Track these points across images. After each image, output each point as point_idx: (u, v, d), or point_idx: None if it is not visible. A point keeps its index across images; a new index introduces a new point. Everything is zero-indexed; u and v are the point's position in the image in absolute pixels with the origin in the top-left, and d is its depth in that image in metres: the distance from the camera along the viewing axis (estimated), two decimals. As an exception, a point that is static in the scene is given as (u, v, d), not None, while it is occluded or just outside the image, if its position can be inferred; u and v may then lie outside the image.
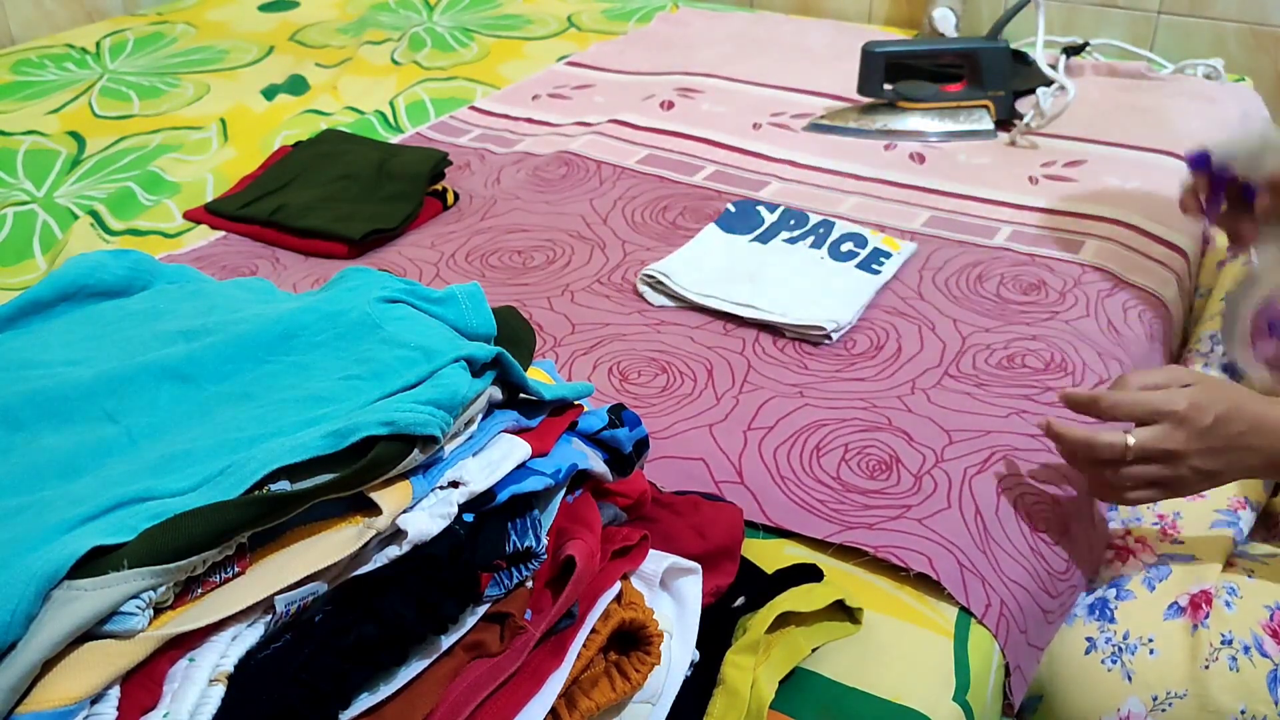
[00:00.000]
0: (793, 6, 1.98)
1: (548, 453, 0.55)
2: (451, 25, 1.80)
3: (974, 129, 1.36)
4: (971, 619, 0.69)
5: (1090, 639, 0.76)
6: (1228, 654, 0.73)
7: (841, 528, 0.73)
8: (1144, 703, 0.73)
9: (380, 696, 0.46)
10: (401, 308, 0.55)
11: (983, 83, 1.38)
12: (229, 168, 1.30)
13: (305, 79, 1.57)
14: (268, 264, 1.10)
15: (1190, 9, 1.70)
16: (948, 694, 0.64)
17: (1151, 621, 0.75)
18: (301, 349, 0.53)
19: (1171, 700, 0.73)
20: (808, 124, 1.39)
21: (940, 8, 1.74)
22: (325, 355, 0.52)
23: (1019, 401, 0.86)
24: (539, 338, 0.95)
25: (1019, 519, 0.75)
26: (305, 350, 0.53)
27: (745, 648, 0.59)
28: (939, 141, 1.35)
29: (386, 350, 0.52)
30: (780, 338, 0.95)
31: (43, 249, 1.14)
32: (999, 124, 1.38)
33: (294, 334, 0.53)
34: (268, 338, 0.53)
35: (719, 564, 0.64)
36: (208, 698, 0.40)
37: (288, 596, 0.44)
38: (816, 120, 1.39)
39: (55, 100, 1.48)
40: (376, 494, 0.46)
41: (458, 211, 1.21)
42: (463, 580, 0.48)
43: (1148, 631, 0.75)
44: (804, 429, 0.82)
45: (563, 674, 0.52)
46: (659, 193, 1.22)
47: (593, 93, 1.53)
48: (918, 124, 1.36)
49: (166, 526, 0.42)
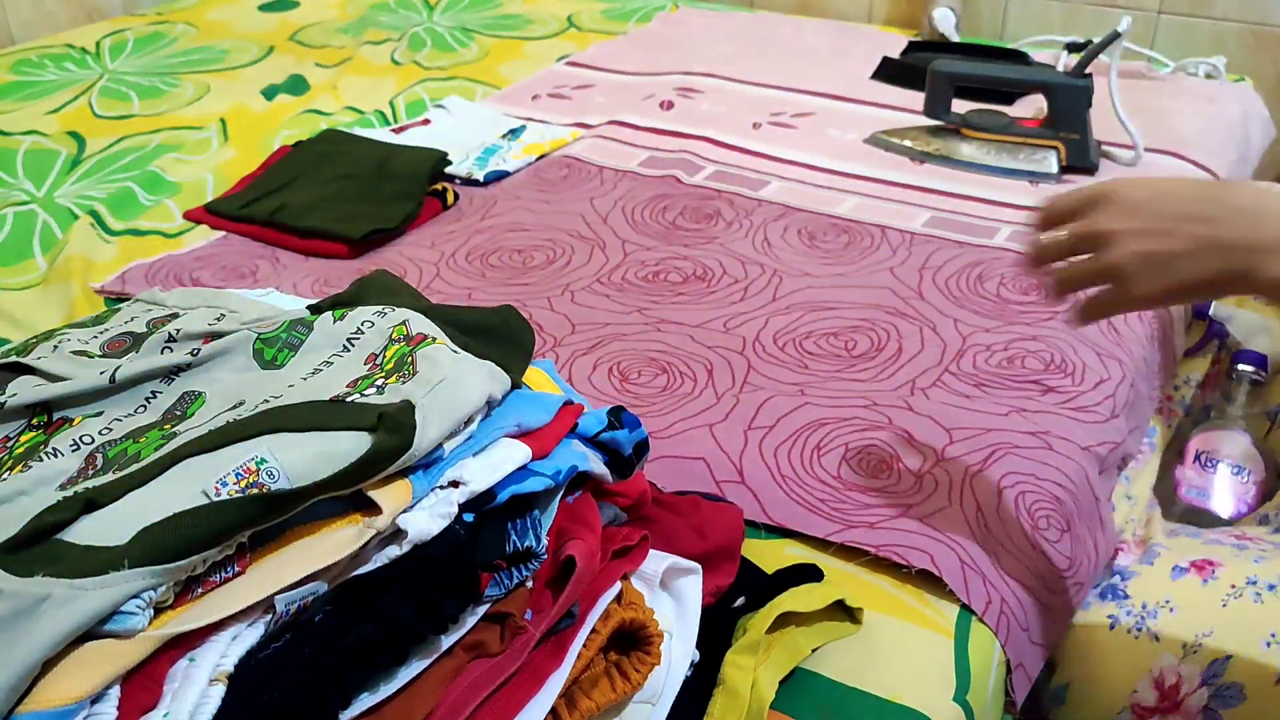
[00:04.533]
0: (793, 6, 1.98)
1: (548, 454, 0.55)
2: (451, 25, 1.80)
3: (1034, 170, 1.24)
4: (972, 618, 0.69)
5: (1112, 616, 0.77)
6: (1252, 591, 0.74)
7: (842, 526, 0.73)
8: (1175, 654, 0.74)
9: (380, 696, 0.46)
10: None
11: (1055, 121, 1.26)
12: (229, 168, 1.30)
13: (305, 79, 1.57)
14: (268, 264, 1.10)
15: (1190, 9, 1.70)
16: (948, 694, 0.64)
17: (1162, 586, 0.77)
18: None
19: (1200, 641, 0.73)
20: (869, 136, 1.34)
21: (940, 8, 1.74)
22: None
23: (1019, 401, 0.86)
24: (539, 338, 0.95)
25: (1020, 517, 0.75)
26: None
27: (745, 648, 0.59)
28: (993, 177, 1.25)
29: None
30: (781, 337, 0.94)
31: (43, 249, 1.14)
32: (1068, 169, 1.25)
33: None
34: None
35: (719, 564, 0.64)
36: (208, 698, 0.40)
37: (288, 596, 0.44)
38: (879, 135, 1.33)
39: (55, 100, 1.48)
40: (376, 493, 0.46)
41: (458, 211, 1.21)
42: (463, 580, 0.48)
43: (1162, 595, 0.76)
44: (804, 428, 0.82)
45: (563, 674, 0.52)
46: (659, 192, 1.22)
47: (593, 93, 1.52)
48: (974, 154, 1.27)
49: (166, 526, 0.42)
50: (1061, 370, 0.90)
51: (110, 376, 0.55)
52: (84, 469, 0.50)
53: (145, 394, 0.56)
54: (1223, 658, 0.72)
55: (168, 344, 0.60)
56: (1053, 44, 1.63)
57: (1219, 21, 1.69)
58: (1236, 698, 0.72)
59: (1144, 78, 1.54)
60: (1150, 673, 0.74)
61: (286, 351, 0.58)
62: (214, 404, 0.54)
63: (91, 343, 0.62)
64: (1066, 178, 1.25)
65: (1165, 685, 0.73)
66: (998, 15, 1.84)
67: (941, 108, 1.31)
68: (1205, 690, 0.72)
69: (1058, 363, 0.91)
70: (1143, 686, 0.74)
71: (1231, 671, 0.72)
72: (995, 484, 0.77)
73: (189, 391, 0.56)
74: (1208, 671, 0.72)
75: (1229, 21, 1.68)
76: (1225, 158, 1.32)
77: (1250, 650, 0.72)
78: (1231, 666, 0.72)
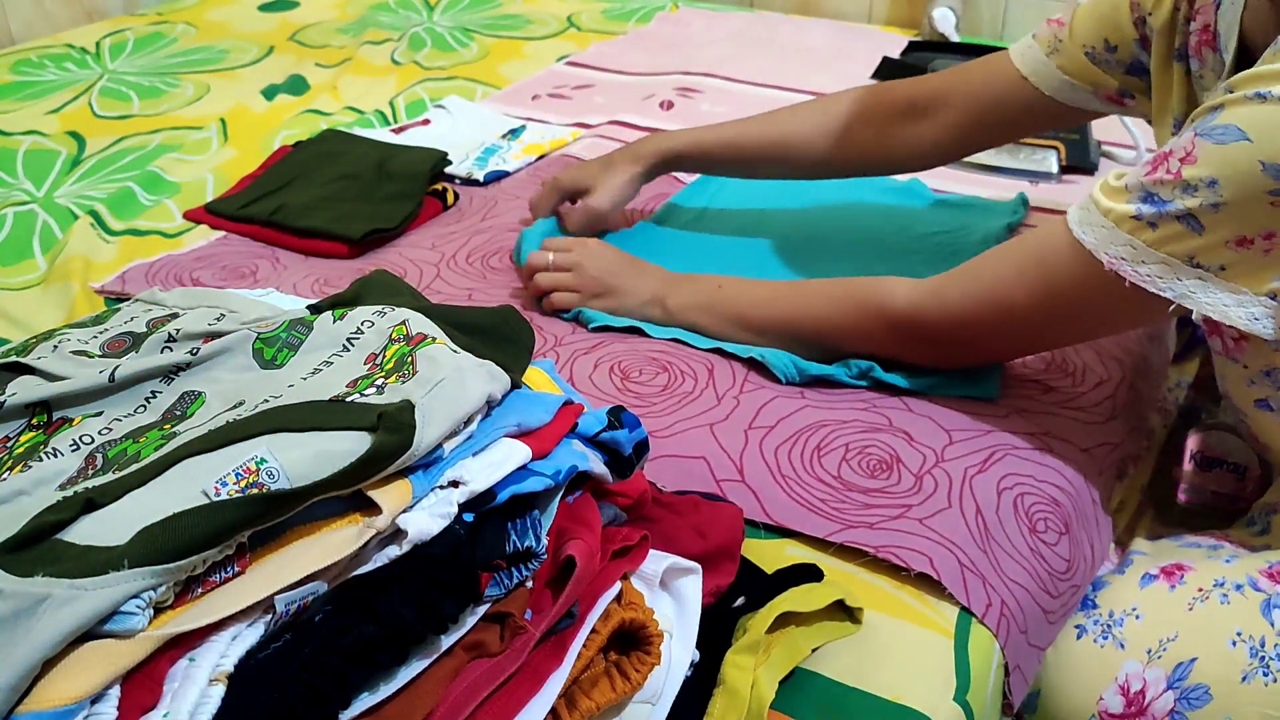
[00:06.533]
0: (793, 6, 1.98)
1: (548, 454, 0.55)
2: (451, 25, 1.80)
3: (1034, 170, 1.25)
4: (972, 619, 0.69)
5: (1079, 625, 0.77)
6: (1219, 593, 0.74)
7: (842, 526, 0.73)
8: (1139, 660, 0.74)
9: (380, 696, 0.46)
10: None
11: None
12: (229, 168, 1.30)
13: (305, 79, 1.57)
14: (268, 264, 1.10)
15: (1190, 9, 1.70)
16: (948, 694, 0.64)
17: (1130, 594, 0.77)
18: None
19: (1165, 645, 0.74)
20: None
21: (940, 8, 1.74)
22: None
23: (1019, 401, 0.86)
24: (539, 337, 0.95)
25: (1019, 518, 0.75)
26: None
27: (745, 648, 0.59)
28: (992, 176, 1.26)
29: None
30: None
31: (43, 249, 1.14)
32: (1068, 169, 1.26)
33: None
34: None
35: (719, 564, 0.64)
36: (208, 697, 0.40)
37: (288, 596, 0.44)
38: None
39: (55, 100, 1.48)
40: (376, 493, 0.46)
41: (458, 211, 1.21)
42: (463, 580, 0.48)
43: (1129, 603, 0.77)
44: (805, 429, 0.82)
45: (563, 674, 0.52)
46: (659, 192, 1.22)
47: (593, 93, 1.53)
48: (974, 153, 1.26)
49: (166, 526, 0.42)
50: (1062, 370, 0.90)
51: (110, 376, 0.55)
52: (84, 469, 0.50)
53: (145, 394, 0.56)
54: (1188, 660, 0.72)
55: (167, 344, 0.60)
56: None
57: (1219, 22, 1.69)
58: (1203, 699, 0.72)
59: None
60: (1116, 680, 0.74)
61: (286, 351, 0.58)
62: (214, 404, 0.54)
63: (91, 343, 0.62)
64: (1067, 177, 1.25)
65: (1131, 691, 0.73)
66: (998, 15, 1.84)
67: None
68: (1171, 694, 0.72)
69: (1058, 362, 0.91)
70: (1109, 694, 0.74)
71: (1197, 673, 0.72)
72: (994, 485, 0.77)
73: (189, 391, 0.56)
74: (1173, 675, 0.72)
75: (1229, 22, 1.68)
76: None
77: (1216, 650, 0.72)
78: (1197, 668, 0.72)
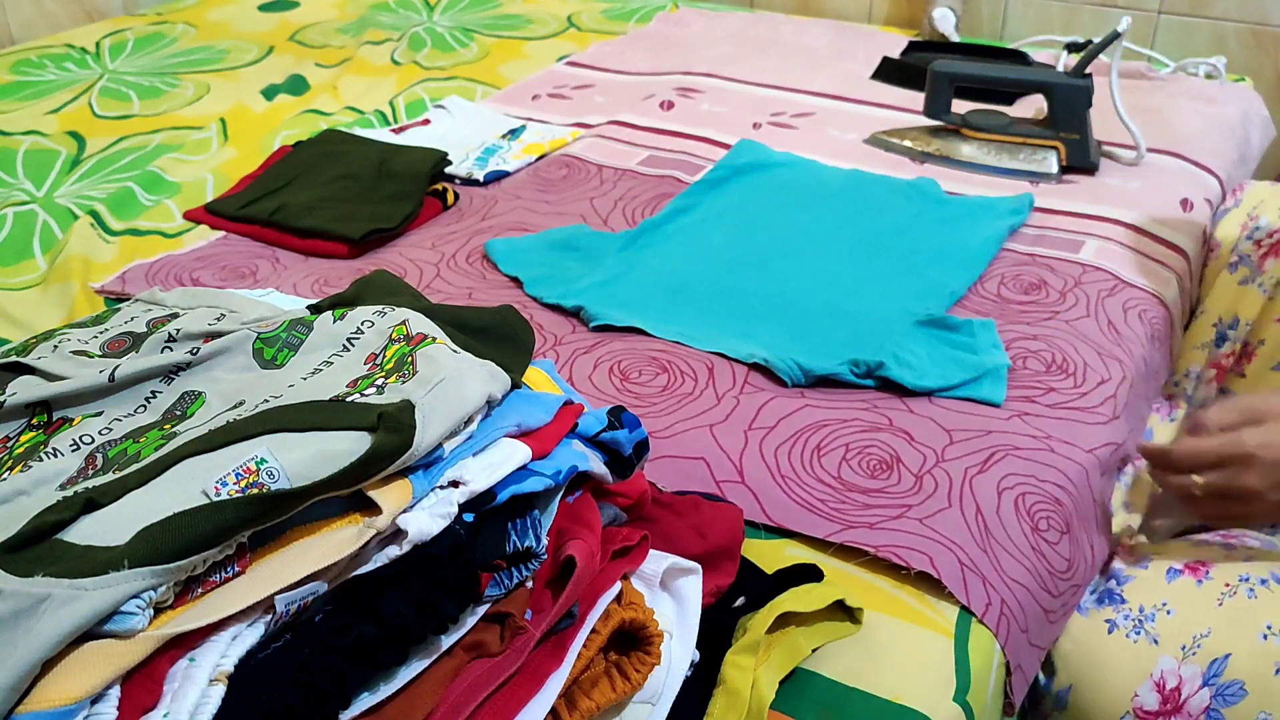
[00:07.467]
0: (793, 6, 1.98)
1: (548, 454, 0.55)
2: (451, 25, 1.80)
3: (1034, 170, 1.24)
4: (972, 619, 0.69)
5: (1110, 620, 0.77)
6: (1245, 588, 0.76)
7: (842, 527, 0.73)
8: (1174, 656, 0.74)
9: (380, 696, 0.46)
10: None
11: (1055, 121, 1.25)
12: (229, 168, 1.30)
13: (305, 79, 1.57)
14: (268, 264, 1.10)
15: (1190, 9, 1.70)
16: (948, 694, 0.64)
17: (1158, 589, 0.78)
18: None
19: (1199, 642, 0.74)
20: (869, 136, 1.34)
21: (940, 8, 1.74)
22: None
23: (1020, 403, 0.86)
24: (539, 337, 0.95)
25: (1020, 518, 0.75)
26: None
27: (745, 648, 0.59)
28: (993, 176, 1.25)
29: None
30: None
31: (43, 249, 1.14)
32: (1068, 169, 1.25)
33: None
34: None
35: (719, 564, 0.64)
36: (208, 698, 0.40)
37: (288, 596, 0.44)
38: (879, 135, 1.33)
39: (55, 100, 1.48)
40: (376, 493, 0.46)
41: (458, 211, 1.21)
42: (463, 580, 0.48)
43: (1159, 599, 0.77)
44: (805, 429, 0.82)
45: (563, 674, 0.52)
46: (659, 192, 1.22)
47: (593, 93, 1.52)
48: (974, 154, 1.26)
49: (166, 526, 0.42)
50: (1062, 370, 0.90)
51: (110, 376, 0.55)
52: (84, 469, 0.50)
53: (145, 394, 0.56)
54: (1222, 656, 0.73)
55: (168, 344, 0.60)
56: (1053, 44, 1.63)
57: (1219, 21, 1.69)
58: (1238, 695, 0.72)
59: (1144, 78, 1.54)
60: (1151, 676, 0.74)
61: (286, 351, 0.58)
62: (214, 404, 0.54)
63: (91, 343, 0.62)
64: (1067, 178, 1.25)
65: (1166, 688, 0.74)
66: (998, 15, 1.84)
67: (941, 108, 1.30)
68: (1207, 690, 0.73)
69: (1059, 362, 0.91)
70: (1144, 690, 0.74)
71: (1232, 669, 0.72)
72: (995, 485, 0.77)
73: (189, 391, 0.56)
74: (1208, 672, 0.73)
75: (1229, 21, 1.68)
76: (1225, 158, 1.32)
77: (1248, 645, 0.73)
78: (1231, 664, 0.72)
